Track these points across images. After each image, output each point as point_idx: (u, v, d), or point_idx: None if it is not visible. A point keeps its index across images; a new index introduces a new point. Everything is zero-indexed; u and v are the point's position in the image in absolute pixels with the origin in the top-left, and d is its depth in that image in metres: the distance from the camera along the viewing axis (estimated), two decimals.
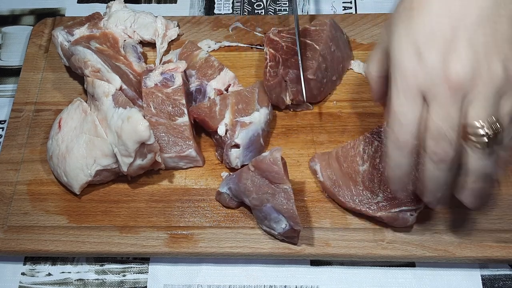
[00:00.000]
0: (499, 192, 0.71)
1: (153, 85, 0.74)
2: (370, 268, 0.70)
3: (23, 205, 0.73)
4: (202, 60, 0.79)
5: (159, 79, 0.75)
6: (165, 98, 0.74)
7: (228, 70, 0.78)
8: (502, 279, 0.69)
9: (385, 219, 0.67)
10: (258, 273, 0.70)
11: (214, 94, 0.77)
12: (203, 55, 0.79)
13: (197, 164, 0.75)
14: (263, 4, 0.94)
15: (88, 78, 0.73)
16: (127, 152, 0.68)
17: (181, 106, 0.73)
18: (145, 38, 0.83)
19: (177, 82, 0.74)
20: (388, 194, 0.67)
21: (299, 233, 0.67)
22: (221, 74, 0.78)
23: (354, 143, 0.72)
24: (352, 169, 0.70)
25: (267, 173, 0.65)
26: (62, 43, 0.79)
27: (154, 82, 0.74)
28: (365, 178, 0.69)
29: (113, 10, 0.84)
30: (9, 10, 0.96)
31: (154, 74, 0.75)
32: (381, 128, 0.71)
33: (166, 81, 0.75)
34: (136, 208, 0.72)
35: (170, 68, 0.75)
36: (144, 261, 0.72)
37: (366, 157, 0.70)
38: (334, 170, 0.71)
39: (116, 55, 0.79)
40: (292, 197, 0.64)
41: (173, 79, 0.75)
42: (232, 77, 0.78)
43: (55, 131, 0.73)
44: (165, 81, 0.75)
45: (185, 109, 0.73)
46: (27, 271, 0.72)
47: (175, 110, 0.73)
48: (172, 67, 0.75)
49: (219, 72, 0.78)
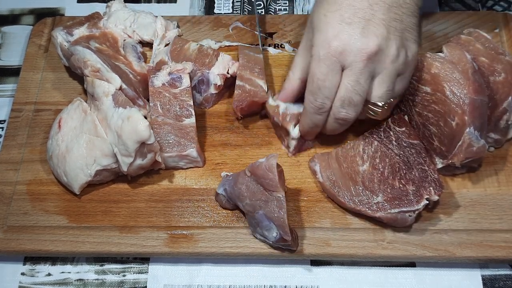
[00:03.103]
0: (499, 192, 0.71)
1: (161, 85, 0.74)
2: (371, 268, 0.70)
3: (23, 205, 0.73)
4: (196, 51, 0.79)
5: (166, 79, 0.75)
6: (173, 98, 0.74)
7: (223, 54, 0.79)
8: (502, 279, 0.69)
9: (384, 220, 0.67)
10: (258, 273, 0.70)
11: (219, 79, 0.77)
12: (194, 47, 0.80)
13: (197, 165, 0.75)
14: (263, 4, 0.94)
15: (88, 78, 0.73)
16: (127, 152, 0.68)
17: (189, 107, 0.73)
18: (144, 39, 0.83)
19: (184, 83, 0.75)
20: (388, 195, 0.67)
21: (296, 241, 0.67)
22: (219, 60, 0.78)
23: (354, 144, 0.72)
24: (352, 169, 0.70)
25: (262, 179, 0.65)
26: (61, 43, 0.79)
27: (161, 82, 0.75)
28: (365, 178, 0.69)
29: (113, 10, 0.84)
30: (9, 9, 0.96)
31: (162, 74, 0.75)
32: (381, 128, 0.71)
33: (174, 82, 0.75)
34: (136, 208, 0.72)
35: (178, 68, 0.75)
36: (144, 261, 0.72)
37: (366, 157, 0.70)
38: (334, 171, 0.71)
39: (116, 55, 0.79)
40: (284, 206, 0.64)
41: (180, 80, 0.75)
42: (229, 60, 0.79)
43: (55, 131, 0.73)
44: (173, 81, 0.75)
45: (192, 110, 0.73)
46: (27, 271, 0.72)
47: (183, 111, 0.73)
48: (180, 67, 0.75)
49: (216, 58, 0.79)
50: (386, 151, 0.69)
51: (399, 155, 0.69)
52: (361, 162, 0.70)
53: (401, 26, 0.63)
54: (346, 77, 0.63)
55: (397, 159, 0.68)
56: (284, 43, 0.85)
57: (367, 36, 0.62)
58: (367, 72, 0.62)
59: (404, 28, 0.64)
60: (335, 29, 0.62)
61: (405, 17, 0.64)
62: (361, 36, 0.62)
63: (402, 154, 0.69)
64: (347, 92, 0.63)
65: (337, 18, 0.63)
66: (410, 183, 0.66)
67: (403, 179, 0.67)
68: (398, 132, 0.70)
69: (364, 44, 0.61)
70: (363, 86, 0.63)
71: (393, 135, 0.70)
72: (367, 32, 0.62)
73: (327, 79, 0.63)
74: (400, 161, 0.68)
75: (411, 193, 0.66)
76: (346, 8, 0.63)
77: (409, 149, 0.69)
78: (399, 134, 0.70)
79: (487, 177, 0.72)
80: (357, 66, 0.62)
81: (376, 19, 0.62)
